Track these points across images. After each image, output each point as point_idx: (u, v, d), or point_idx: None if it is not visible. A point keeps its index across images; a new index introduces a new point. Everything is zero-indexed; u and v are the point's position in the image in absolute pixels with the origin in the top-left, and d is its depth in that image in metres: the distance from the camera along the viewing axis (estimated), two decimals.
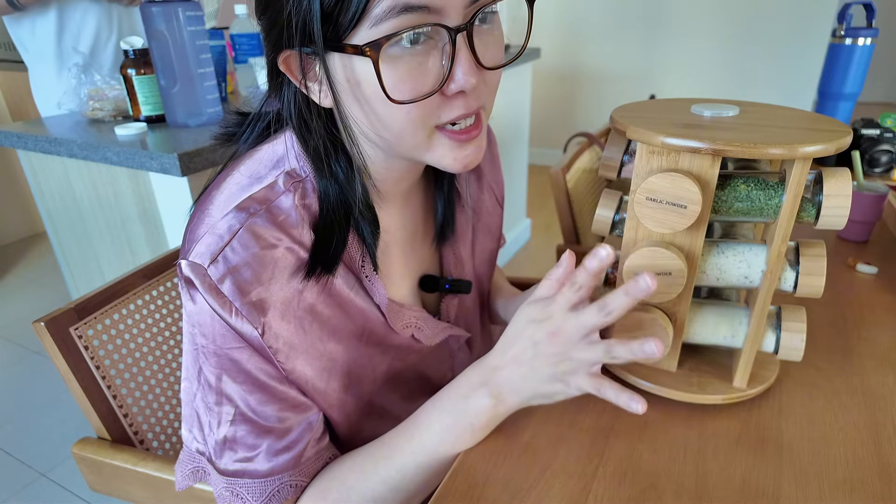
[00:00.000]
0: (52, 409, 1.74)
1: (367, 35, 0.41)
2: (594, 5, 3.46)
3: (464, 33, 0.42)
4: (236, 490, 0.51)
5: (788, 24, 3.03)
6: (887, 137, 1.13)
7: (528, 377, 0.48)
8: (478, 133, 0.48)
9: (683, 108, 0.55)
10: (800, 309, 0.55)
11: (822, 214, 0.48)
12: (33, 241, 2.89)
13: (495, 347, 0.51)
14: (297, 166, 0.51)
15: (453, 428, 0.50)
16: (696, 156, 0.47)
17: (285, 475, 0.52)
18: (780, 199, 0.49)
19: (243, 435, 0.50)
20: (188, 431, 0.54)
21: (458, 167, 0.48)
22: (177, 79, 1.12)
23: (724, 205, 0.51)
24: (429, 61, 0.43)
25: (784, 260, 0.52)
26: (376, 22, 0.40)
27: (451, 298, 0.66)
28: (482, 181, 0.71)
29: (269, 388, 0.50)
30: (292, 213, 0.49)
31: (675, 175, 0.46)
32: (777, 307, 0.55)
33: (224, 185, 0.51)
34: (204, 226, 0.48)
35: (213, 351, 0.49)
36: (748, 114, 0.52)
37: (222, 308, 0.47)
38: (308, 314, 0.51)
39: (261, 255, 0.47)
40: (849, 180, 0.47)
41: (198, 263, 0.46)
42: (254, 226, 0.47)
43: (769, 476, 0.47)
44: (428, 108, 0.44)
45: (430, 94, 0.43)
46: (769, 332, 0.55)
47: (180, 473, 0.55)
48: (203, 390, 0.51)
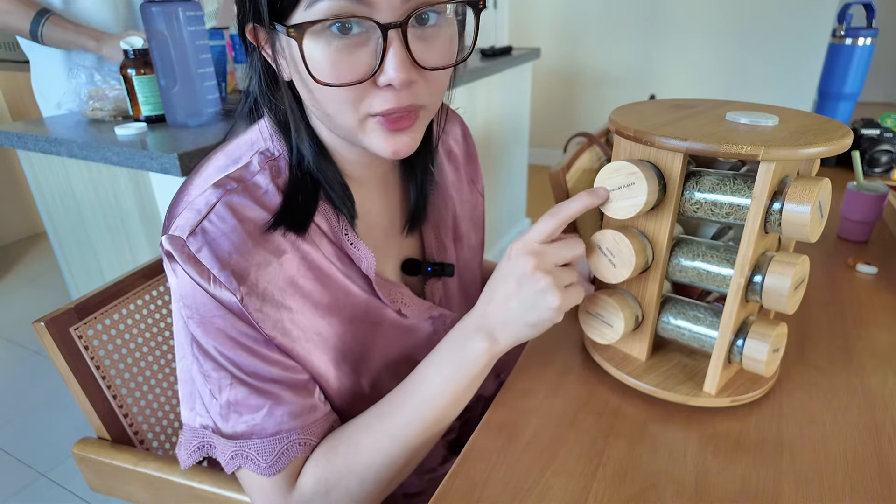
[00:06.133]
0: (52, 409, 1.74)
1: (302, 16, 0.43)
2: (594, 5, 3.46)
3: (398, 30, 0.43)
4: (245, 452, 0.52)
5: (788, 24, 3.03)
6: (887, 137, 1.13)
7: (516, 311, 0.51)
8: (408, 125, 0.48)
9: (669, 108, 0.55)
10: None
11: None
12: (33, 241, 2.89)
13: (482, 295, 0.54)
14: (270, 146, 0.54)
15: (452, 377, 0.53)
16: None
17: (293, 433, 0.53)
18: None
19: (244, 397, 0.51)
20: (189, 410, 0.55)
21: (387, 153, 0.49)
22: (177, 79, 1.12)
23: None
24: (360, 51, 0.44)
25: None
26: (310, 4, 0.42)
27: (435, 282, 0.67)
28: (459, 172, 0.73)
29: (258, 353, 0.51)
30: (268, 189, 0.52)
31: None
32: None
33: (202, 169, 0.54)
34: (182, 203, 0.51)
35: (198, 321, 0.50)
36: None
37: (201, 277, 0.48)
38: (289, 286, 0.52)
39: (238, 227, 0.49)
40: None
41: (177, 236, 0.49)
42: (230, 200, 0.50)
43: (769, 476, 0.47)
44: (357, 95, 0.46)
45: (357, 82, 0.45)
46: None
47: (184, 452, 0.56)
48: (198, 361, 0.52)
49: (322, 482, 0.53)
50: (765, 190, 0.46)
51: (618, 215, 0.51)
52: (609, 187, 0.51)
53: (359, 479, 0.53)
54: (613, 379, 0.59)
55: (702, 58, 3.31)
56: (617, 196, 0.51)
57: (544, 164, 3.82)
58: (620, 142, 0.53)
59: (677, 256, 0.55)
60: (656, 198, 0.50)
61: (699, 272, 0.54)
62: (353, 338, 0.58)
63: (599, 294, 0.56)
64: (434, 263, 0.66)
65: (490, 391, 0.78)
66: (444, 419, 0.54)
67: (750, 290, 0.51)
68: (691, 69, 3.36)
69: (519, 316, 0.51)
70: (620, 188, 0.50)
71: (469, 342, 0.52)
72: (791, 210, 0.46)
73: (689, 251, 0.55)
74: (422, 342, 0.66)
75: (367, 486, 0.54)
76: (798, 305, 0.54)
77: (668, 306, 0.58)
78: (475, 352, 0.52)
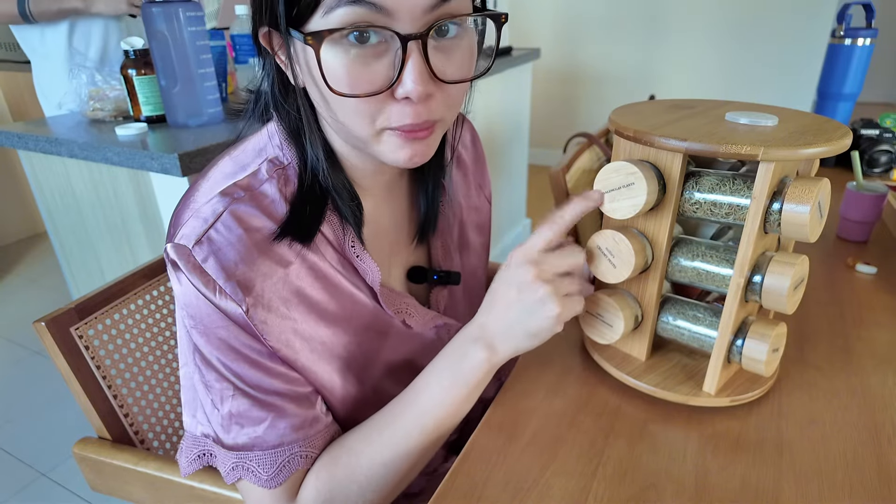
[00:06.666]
0: (52, 409, 1.74)
1: (319, 23, 0.42)
2: (594, 5, 3.46)
3: (418, 41, 0.42)
4: (246, 464, 0.52)
5: (788, 24, 3.03)
6: (887, 137, 1.13)
7: (516, 320, 0.50)
8: (425, 135, 0.47)
9: (669, 108, 0.55)
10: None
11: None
12: (34, 241, 2.89)
13: (482, 306, 0.53)
14: (279, 154, 0.53)
15: (452, 387, 0.52)
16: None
17: (295, 446, 0.53)
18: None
19: (247, 409, 0.51)
20: (191, 417, 0.54)
21: (401, 162, 0.48)
22: (177, 79, 1.12)
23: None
24: (378, 62, 0.43)
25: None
26: (328, 10, 0.41)
27: (441, 290, 0.67)
28: (467, 178, 0.72)
29: (261, 365, 0.51)
30: (276, 199, 0.51)
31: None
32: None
33: (210, 175, 0.53)
34: (189, 210, 0.50)
35: (201, 331, 0.50)
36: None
37: (206, 287, 0.48)
38: (294, 296, 0.52)
39: (244, 237, 0.49)
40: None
41: (182, 245, 0.48)
42: (237, 209, 0.49)
43: (769, 476, 0.48)
44: (374, 107, 0.45)
45: (374, 93, 0.43)
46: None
47: (185, 459, 0.56)
48: (200, 371, 0.51)
49: (323, 493, 0.53)
50: (764, 190, 0.46)
51: (617, 215, 0.51)
52: (609, 187, 0.51)
53: (360, 489, 0.53)
54: (613, 379, 0.59)
55: (701, 58, 3.31)
56: (616, 196, 0.51)
57: (544, 164, 3.82)
58: (620, 142, 0.53)
59: (677, 256, 0.55)
60: (656, 198, 0.51)
61: (699, 272, 0.54)
62: (358, 347, 0.58)
63: (599, 294, 0.56)
64: (440, 272, 0.65)
65: (490, 393, 0.78)
66: (445, 429, 0.54)
67: (749, 290, 0.51)
68: (691, 69, 3.36)
69: (519, 325, 0.50)
70: (620, 188, 0.50)
71: (469, 352, 0.52)
72: (790, 210, 0.46)
73: (689, 251, 0.55)
74: (426, 350, 0.65)
75: (368, 497, 0.54)
76: (797, 305, 0.54)
77: (668, 306, 0.58)
78: (475, 362, 0.52)
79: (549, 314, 0.49)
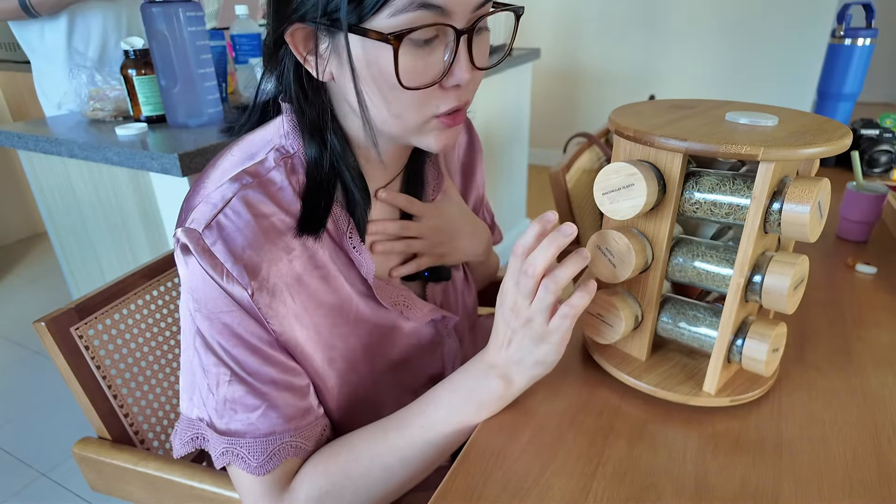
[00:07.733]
0: (52, 409, 1.74)
1: (386, 23, 0.44)
2: (594, 5, 3.46)
3: (465, 36, 0.47)
4: (236, 450, 0.53)
5: (788, 24, 3.03)
6: (887, 137, 1.13)
7: (521, 352, 0.52)
8: (461, 120, 0.53)
9: (669, 108, 0.55)
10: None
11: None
12: (34, 241, 2.89)
13: (490, 341, 0.55)
14: (285, 143, 0.54)
15: (461, 406, 0.54)
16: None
17: (286, 435, 0.53)
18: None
19: (242, 395, 0.52)
20: (188, 400, 0.55)
21: (438, 148, 0.53)
22: (177, 79, 1.12)
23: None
24: (434, 55, 0.47)
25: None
26: (396, 12, 0.44)
27: (435, 286, 0.68)
28: (471, 180, 0.75)
29: (261, 351, 0.52)
30: (283, 185, 0.53)
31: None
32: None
33: (219, 163, 0.55)
34: (199, 196, 0.52)
35: (205, 314, 0.51)
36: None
37: (214, 270, 0.49)
38: (296, 283, 0.53)
39: (252, 222, 0.50)
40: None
41: (193, 229, 0.49)
42: (246, 195, 0.51)
43: (768, 476, 0.48)
44: (427, 97, 0.49)
45: (431, 84, 0.48)
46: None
47: (178, 441, 0.56)
48: (199, 355, 0.52)
49: (317, 487, 0.54)
50: (764, 190, 0.46)
51: (617, 216, 0.51)
52: (609, 188, 0.51)
53: (354, 486, 0.54)
54: (613, 379, 0.59)
55: (701, 58, 3.30)
56: (616, 197, 0.51)
57: (544, 164, 3.82)
58: (620, 142, 0.54)
59: (677, 256, 0.55)
60: (656, 198, 0.51)
61: (699, 272, 0.54)
62: (357, 339, 0.59)
63: (599, 294, 0.56)
64: (430, 268, 0.67)
65: None
66: (448, 445, 0.55)
67: (749, 289, 0.51)
68: (691, 69, 3.36)
69: (526, 353, 0.51)
70: (620, 189, 0.50)
71: (484, 377, 0.54)
72: (790, 210, 0.46)
73: (689, 251, 0.55)
74: (423, 347, 0.66)
75: (361, 496, 0.54)
76: (797, 305, 0.54)
77: (668, 306, 0.58)
78: (488, 388, 0.53)
79: (549, 349, 0.51)
